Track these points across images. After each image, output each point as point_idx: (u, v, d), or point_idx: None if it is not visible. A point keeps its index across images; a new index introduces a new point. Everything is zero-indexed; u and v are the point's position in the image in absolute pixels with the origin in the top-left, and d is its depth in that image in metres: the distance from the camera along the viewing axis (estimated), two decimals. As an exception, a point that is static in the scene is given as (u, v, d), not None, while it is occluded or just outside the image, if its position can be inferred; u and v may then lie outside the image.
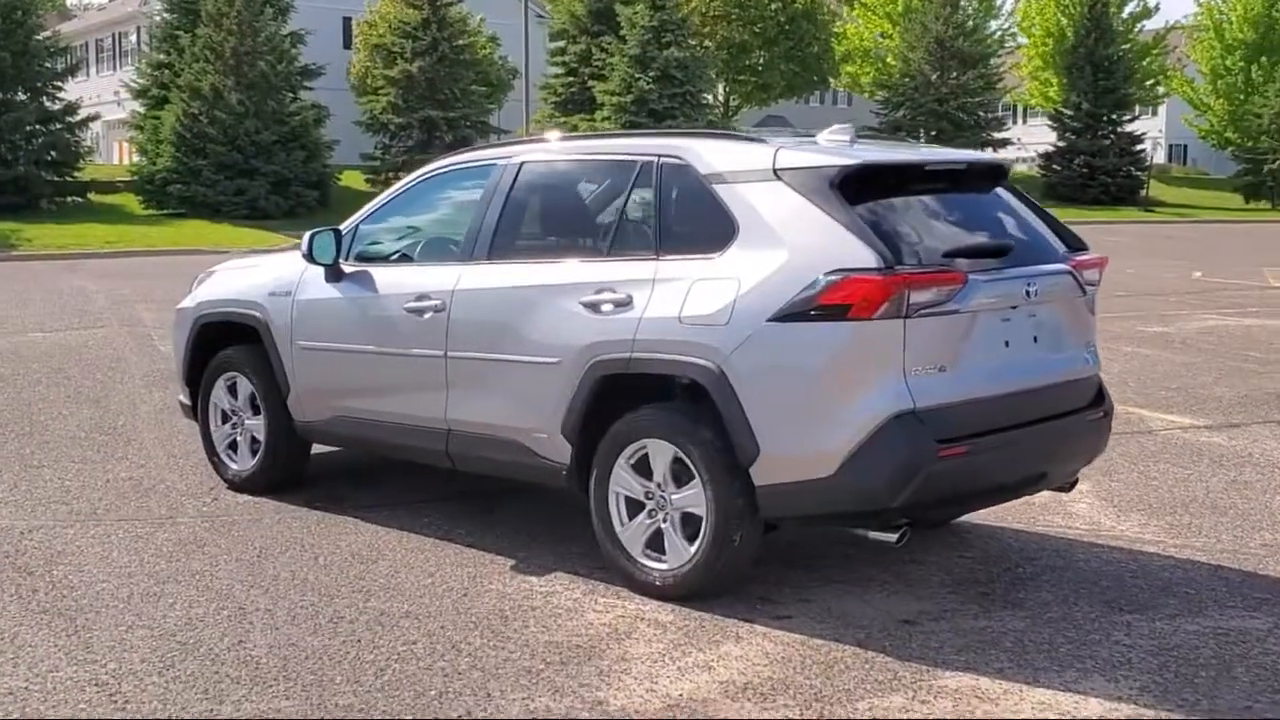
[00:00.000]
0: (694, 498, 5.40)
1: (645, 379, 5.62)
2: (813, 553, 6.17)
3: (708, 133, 6.20)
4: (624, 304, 5.56)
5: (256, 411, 7.29)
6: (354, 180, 37.46)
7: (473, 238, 6.28)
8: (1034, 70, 54.73)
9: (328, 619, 5.38)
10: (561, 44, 42.61)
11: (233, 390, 7.42)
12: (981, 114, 47.53)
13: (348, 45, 47.05)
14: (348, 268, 6.77)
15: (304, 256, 6.68)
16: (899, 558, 6.08)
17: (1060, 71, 50.81)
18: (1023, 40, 55.24)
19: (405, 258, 6.94)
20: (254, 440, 7.35)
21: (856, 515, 5.25)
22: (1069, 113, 47.83)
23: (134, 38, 53.44)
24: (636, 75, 38.20)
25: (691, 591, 5.46)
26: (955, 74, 46.63)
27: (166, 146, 33.18)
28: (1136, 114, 50.53)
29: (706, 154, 5.63)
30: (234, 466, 7.45)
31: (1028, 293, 5.43)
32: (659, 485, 5.53)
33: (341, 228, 6.85)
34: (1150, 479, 7.80)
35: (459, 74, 38.31)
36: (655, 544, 5.58)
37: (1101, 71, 47.31)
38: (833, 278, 5.02)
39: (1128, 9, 52.66)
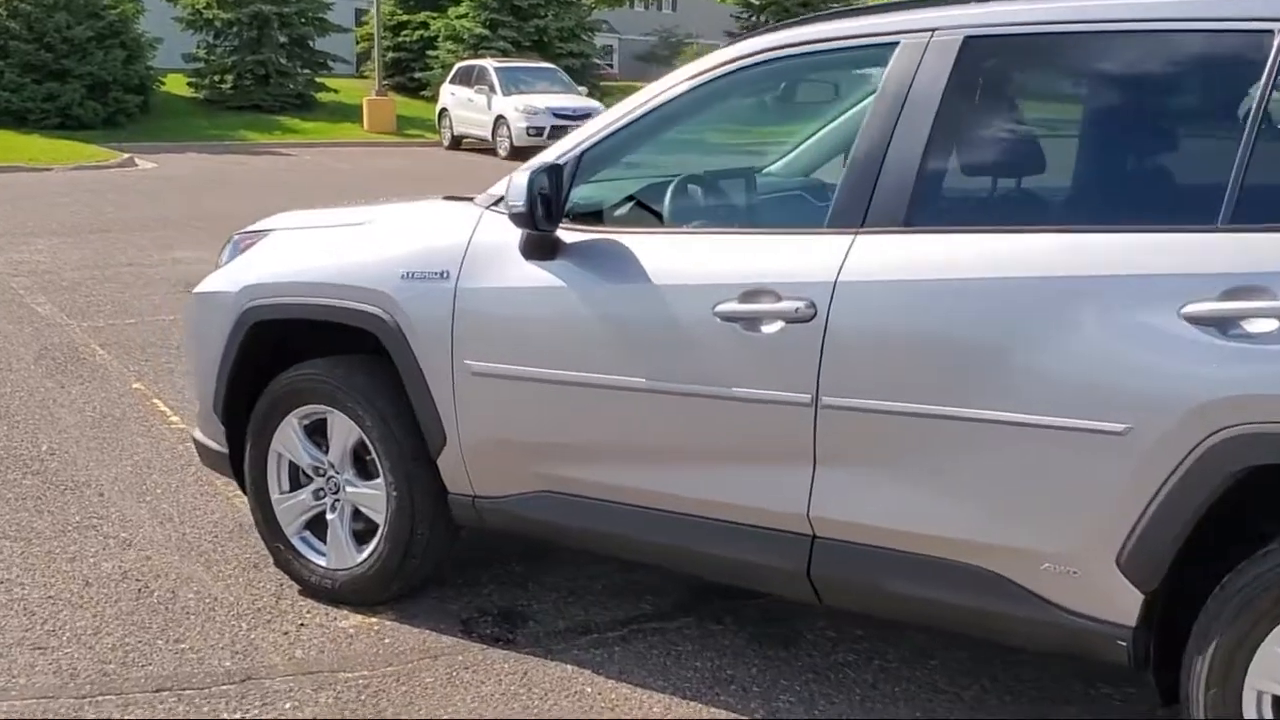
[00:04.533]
0: None
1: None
2: None
3: None
4: (1310, 324, 2.71)
5: (368, 473, 4.21)
6: (177, 85, 33.05)
7: (863, 185, 3.34)
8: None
9: None
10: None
11: (316, 434, 4.34)
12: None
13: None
14: (570, 234, 3.72)
15: (519, 216, 3.63)
16: None
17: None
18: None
19: (686, 219, 3.94)
20: (358, 518, 4.27)
21: None
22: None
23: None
24: (499, -32, 34.52)
25: None
26: (822, -26, 43.99)
27: (-42, 45, 28.36)
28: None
29: None
30: (320, 561, 4.37)
31: None
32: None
33: (554, 159, 3.76)
34: None
35: (292, -37, 34.04)
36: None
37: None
38: None
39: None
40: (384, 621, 4.26)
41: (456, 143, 29.18)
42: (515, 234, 3.82)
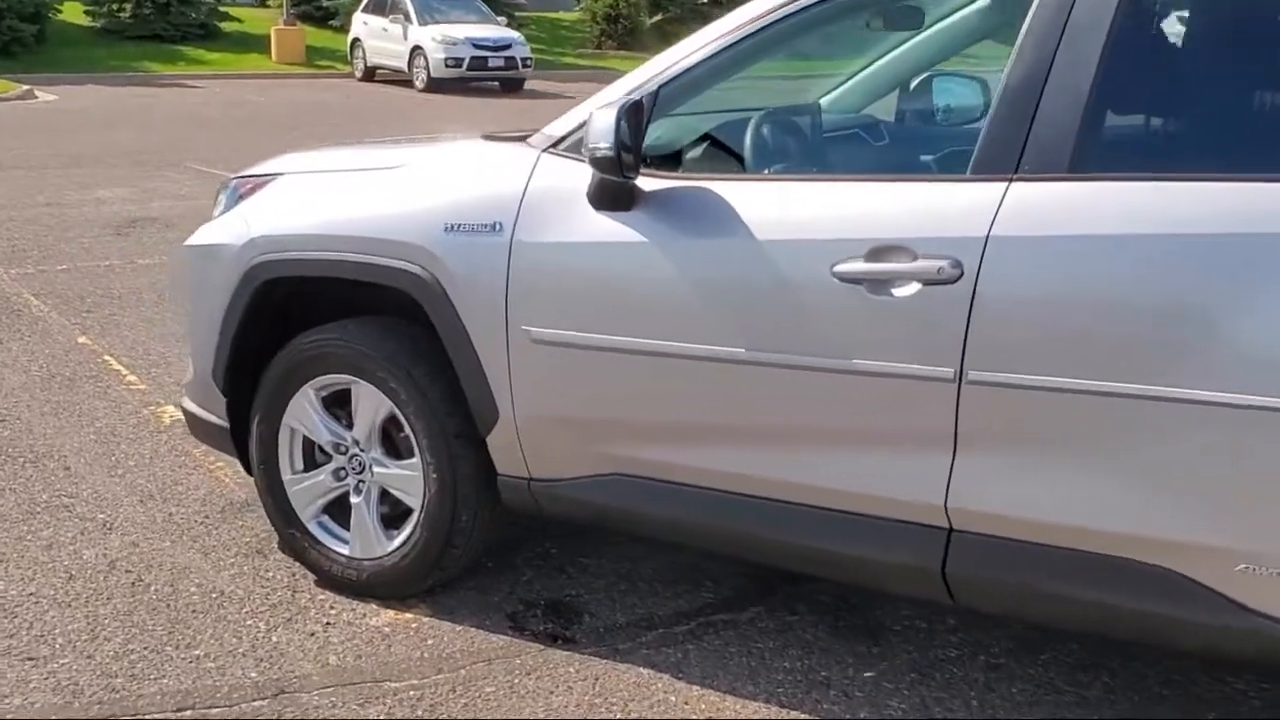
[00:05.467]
0: None
1: None
2: None
3: None
4: None
5: (398, 452, 3.70)
6: (74, 13, 31.54)
7: (1016, 125, 2.90)
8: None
9: None
10: None
11: (335, 406, 3.83)
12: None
13: None
14: (648, 181, 3.21)
15: (604, 162, 3.13)
16: None
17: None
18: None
19: (779, 162, 3.47)
20: (386, 500, 3.77)
21: None
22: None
23: None
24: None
25: None
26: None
27: None
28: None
29: None
30: (342, 550, 3.88)
31: None
32: None
33: (635, 95, 3.24)
34: None
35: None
36: None
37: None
38: None
39: None
40: (420, 618, 3.78)
41: (370, 74, 28.26)
42: (580, 180, 3.32)
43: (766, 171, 3.52)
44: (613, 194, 3.26)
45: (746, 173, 3.48)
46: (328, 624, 3.74)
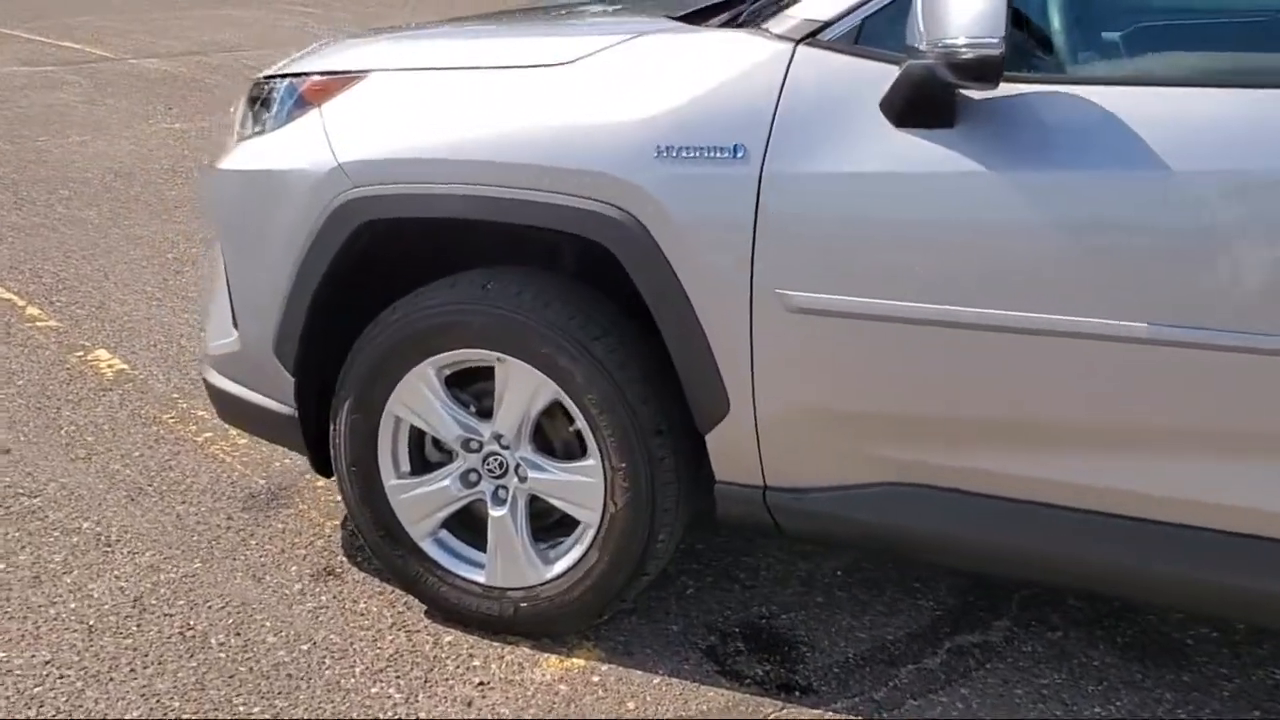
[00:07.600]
0: None
1: None
2: None
3: None
4: None
5: (553, 449, 2.73)
6: None
7: None
8: None
9: None
10: None
11: (459, 388, 2.83)
12: None
13: None
14: (1016, 85, 2.26)
15: (980, 66, 2.16)
16: None
17: None
18: None
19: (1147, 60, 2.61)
20: (533, 510, 2.83)
21: None
22: None
23: None
24: None
25: None
26: None
27: None
28: None
29: None
30: (474, 577, 2.95)
31: None
32: None
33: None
34: None
35: None
36: None
37: None
38: None
39: None
40: (594, 664, 2.86)
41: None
42: (861, 84, 2.40)
43: (1118, 70, 2.61)
44: (934, 105, 2.33)
45: (1116, 72, 2.56)
46: (481, 684, 2.78)
